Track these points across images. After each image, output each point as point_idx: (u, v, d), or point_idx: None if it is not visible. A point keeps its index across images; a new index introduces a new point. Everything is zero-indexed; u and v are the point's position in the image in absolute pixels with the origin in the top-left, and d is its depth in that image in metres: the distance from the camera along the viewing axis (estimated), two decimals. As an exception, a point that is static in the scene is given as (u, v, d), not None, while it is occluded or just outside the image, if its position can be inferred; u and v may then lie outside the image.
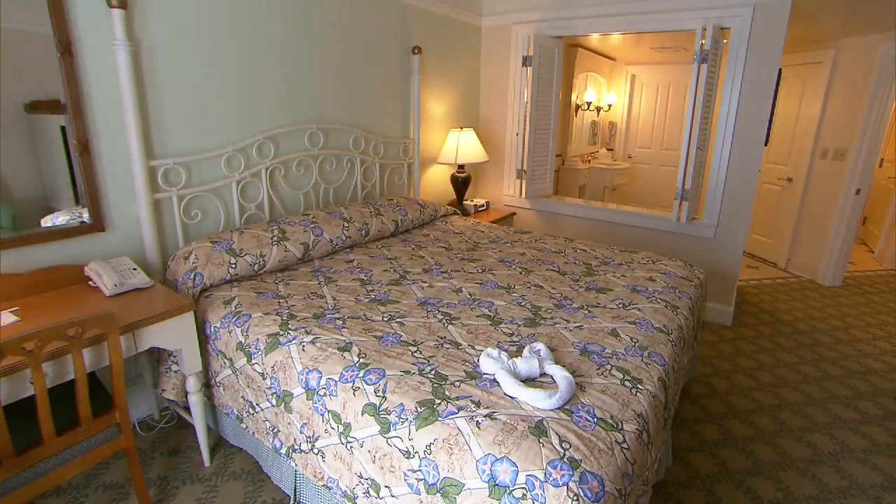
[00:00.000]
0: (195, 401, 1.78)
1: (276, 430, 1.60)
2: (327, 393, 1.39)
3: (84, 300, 1.65)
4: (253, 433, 1.72)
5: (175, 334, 1.64)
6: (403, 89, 3.28)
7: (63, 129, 1.77)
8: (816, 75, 4.24)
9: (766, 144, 3.14)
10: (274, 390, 1.56)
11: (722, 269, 3.30)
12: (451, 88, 3.74)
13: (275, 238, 2.19)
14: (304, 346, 1.54)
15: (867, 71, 3.86)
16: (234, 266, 1.99)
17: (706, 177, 3.32)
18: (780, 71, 3.10)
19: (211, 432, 2.01)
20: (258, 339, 1.63)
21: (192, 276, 1.88)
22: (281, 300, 1.86)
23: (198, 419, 1.82)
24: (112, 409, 1.48)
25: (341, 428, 1.35)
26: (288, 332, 1.61)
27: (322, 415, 1.41)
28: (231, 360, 1.71)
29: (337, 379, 1.39)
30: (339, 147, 2.87)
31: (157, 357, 1.95)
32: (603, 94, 5.85)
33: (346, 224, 2.50)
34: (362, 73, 2.96)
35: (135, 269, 1.78)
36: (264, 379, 1.59)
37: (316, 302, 1.85)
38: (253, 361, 1.62)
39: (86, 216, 1.85)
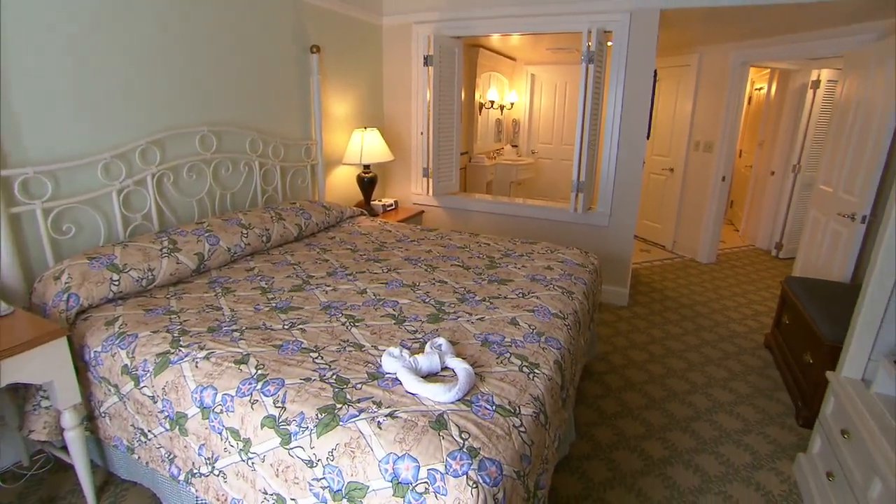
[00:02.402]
0: (74, 437, 1.60)
1: (172, 456, 1.49)
2: (224, 409, 1.33)
3: (-79, 336, 1.42)
4: (147, 463, 1.59)
5: (43, 365, 1.47)
6: (303, 89, 3.19)
7: None
8: (686, 77, 4.74)
9: (647, 138, 3.46)
10: (167, 413, 1.46)
11: (617, 254, 3.59)
12: (353, 88, 3.69)
13: (165, 250, 2.03)
14: (197, 362, 1.45)
15: (723, 74, 4.39)
16: (116, 283, 1.83)
17: (598, 169, 3.59)
18: (655, 72, 3.42)
19: (98, 469, 1.82)
20: (146, 360, 1.51)
21: (64, 298, 1.69)
22: (172, 316, 1.73)
23: (78, 458, 1.63)
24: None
25: (241, 444, 1.30)
26: (179, 350, 1.51)
27: (220, 433, 1.34)
28: (116, 386, 1.57)
29: (233, 394, 1.33)
30: (235, 150, 2.73)
31: (23, 394, 1.73)
32: (505, 93, 6.08)
33: (244, 231, 2.38)
34: (257, 73, 2.82)
35: (-12, 294, 1.57)
36: (155, 402, 1.48)
37: (212, 315, 1.75)
38: (141, 385, 1.50)
39: (-81, 238, 1.59)
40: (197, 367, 1.44)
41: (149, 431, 1.53)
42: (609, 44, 3.41)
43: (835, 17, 3.28)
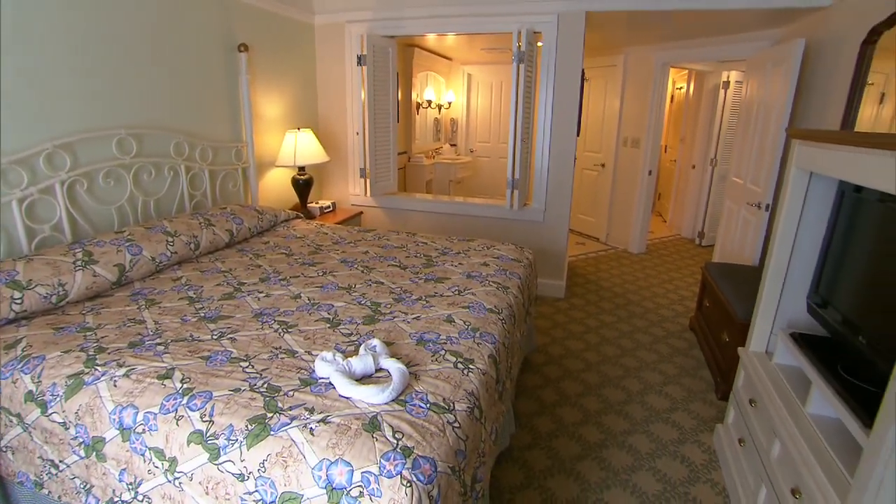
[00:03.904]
0: (-30, 475, 1.46)
1: (88, 486, 1.39)
2: (146, 429, 1.26)
3: None
4: (59, 497, 1.46)
5: (-68, 396, 1.33)
6: (231, 90, 3.06)
7: None
8: (614, 76, 4.98)
9: (578, 135, 3.61)
10: (81, 439, 1.36)
11: (553, 248, 3.72)
12: (285, 88, 3.59)
13: (79, 262, 1.89)
14: (115, 381, 1.36)
15: (647, 74, 4.65)
16: (18, 301, 1.67)
17: (532, 166, 3.70)
18: (583, 72, 3.57)
19: (3, 509, 1.66)
20: (55, 384, 1.40)
21: (-48, 323, 1.53)
22: (88, 333, 1.61)
23: (-23, 497, 1.49)
24: None
25: (166, 465, 1.23)
26: (95, 369, 1.41)
27: (143, 455, 1.26)
28: (19, 415, 1.44)
29: (156, 411, 1.26)
30: (158, 154, 2.57)
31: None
32: (442, 93, 6.13)
33: (170, 239, 2.26)
34: (182, 72, 2.68)
35: None
36: (67, 429, 1.37)
37: (133, 329, 1.65)
38: (50, 411, 1.39)
39: None
40: (115, 385, 1.35)
41: (60, 462, 1.42)
42: (539, 44, 3.52)
43: (738, 25, 3.57)
